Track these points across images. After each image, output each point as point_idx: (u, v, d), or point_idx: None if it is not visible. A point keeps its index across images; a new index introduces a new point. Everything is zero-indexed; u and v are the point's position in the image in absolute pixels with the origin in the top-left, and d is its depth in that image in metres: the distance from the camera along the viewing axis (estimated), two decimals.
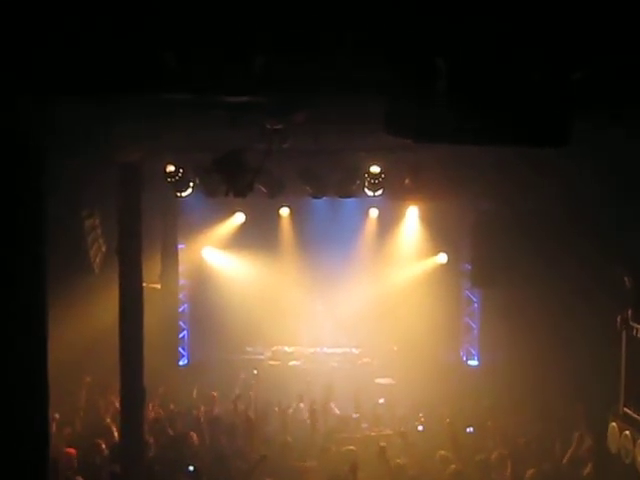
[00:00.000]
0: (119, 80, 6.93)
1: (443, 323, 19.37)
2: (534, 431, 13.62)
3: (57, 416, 12.82)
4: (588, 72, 5.83)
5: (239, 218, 20.37)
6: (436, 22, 5.36)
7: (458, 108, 5.43)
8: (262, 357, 19.95)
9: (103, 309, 14.75)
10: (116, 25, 5.87)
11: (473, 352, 20.58)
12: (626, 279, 12.02)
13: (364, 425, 14.33)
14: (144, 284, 13.64)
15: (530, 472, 11.12)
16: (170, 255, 19.17)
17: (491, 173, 14.30)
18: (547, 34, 5.40)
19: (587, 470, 11.64)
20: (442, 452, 12.07)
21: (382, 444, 11.78)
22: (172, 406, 15.38)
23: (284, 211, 20.49)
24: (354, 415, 14.98)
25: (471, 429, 14.04)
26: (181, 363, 20.48)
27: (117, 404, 13.46)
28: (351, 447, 12.21)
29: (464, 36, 5.24)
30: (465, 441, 13.27)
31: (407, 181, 14.91)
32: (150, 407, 14.12)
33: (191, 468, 11.25)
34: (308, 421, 14.35)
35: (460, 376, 18.84)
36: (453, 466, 11.74)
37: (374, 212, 20.26)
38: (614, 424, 11.80)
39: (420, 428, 14.45)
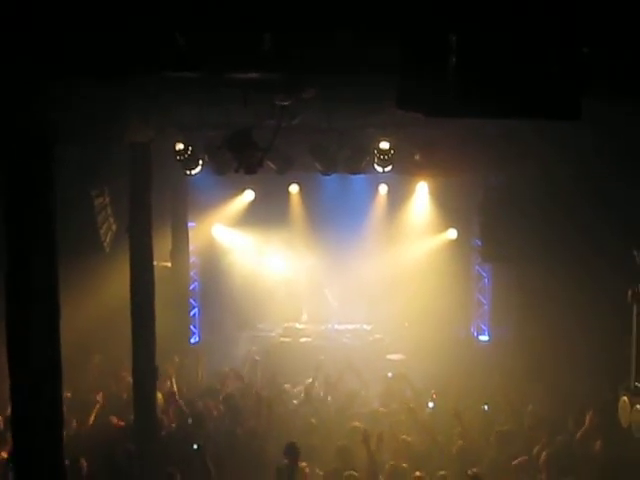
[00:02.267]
0: (129, 60, 6.93)
1: (454, 299, 19.38)
2: (545, 406, 13.60)
3: (68, 395, 12.87)
4: (600, 46, 5.82)
5: (249, 195, 20.37)
6: None
7: (469, 83, 5.42)
8: (273, 334, 20.00)
9: (114, 288, 14.83)
10: (126, 5, 5.86)
11: (484, 327, 20.59)
12: (636, 254, 11.99)
13: (368, 403, 14.25)
14: (155, 262, 13.63)
15: (544, 454, 11.12)
16: (180, 233, 19.19)
17: (501, 148, 14.32)
18: (558, 8, 5.37)
19: (597, 444, 11.65)
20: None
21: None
22: (184, 384, 15.38)
23: (294, 188, 20.48)
24: (362, 392, 14.92)
25: (486, 407, 13.99)
26: (192, 341, 20.50)
27: (130, 380, 13.48)
28: (356, 423, 12.19)
29: (475, 12, 5.22)
30: (476, 418, 13.27)
31: (417, 157, 14.86)
32: (163, 384, 14.12)
33: (195, 446, 11.25)
34: (322, 395, 14.40)
35: (471, 351, 18.93)
36: (460, 442, 11.77)
37: (384, 188, 20.25)
38: (625, 398, 11.77)
39: (430, 405, 14.42)
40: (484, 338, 20.53)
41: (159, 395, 13.51)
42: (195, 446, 11.25)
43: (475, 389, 14.88)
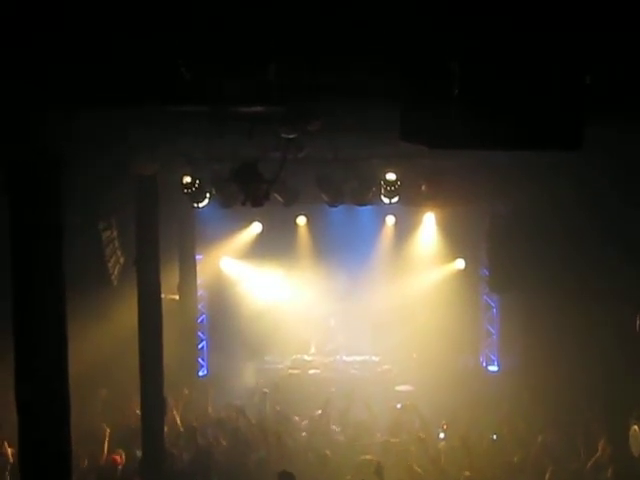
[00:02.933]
0: (135, 93, 7.01)
1: (462, 329, 19.35)
2: (554, 435, 13.57)
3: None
4: (601, 75, 5.86)
5: (256, 228, 20.41)
6: (450, 26, 5.38)
7: (472, 113, 5.45)
8: (281, 366, 19.95)
9: (122, 320, 14.90)
10: (131, 38, 5.94)
11: (492, 357, 20.52)
12: None
13: (378, 434, 14.19)
14: (163, 295, 13.74)
15: (549, 472, 11.10)
16: (188, 266, 19.23)
17: (507, 177, 14.41)
18: (560, 37, 5.42)
19: (608, 474, 11.61)
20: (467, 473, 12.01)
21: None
22: (193, 417, 15.37)
23: (301, 220, 20.49)
24: (371, 423, 14.87)
25: (494, 437, 13.96)
26: (200, 374, 20.47)
27: (138, 413, 13.50)
28: (367, 456, 12.16)
29: (477, 40, 5.26)
30: (487, 448, 13.24)
31: (423, 187, 14.87)
32: (174, 417, 14.13)
33: None
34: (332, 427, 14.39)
35: (480, 382, 18.82)
36: (467, 473, 11.76)
37: (391, 219, 20.25)
38: (636, 427, 11.76)
39: (442, 436, 14.39)
40: (493, 368, 20.45)
41: (166, 428, 13.53)
42: None
43: (484, 419, 14.87)
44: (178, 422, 14.13)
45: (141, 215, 13.16)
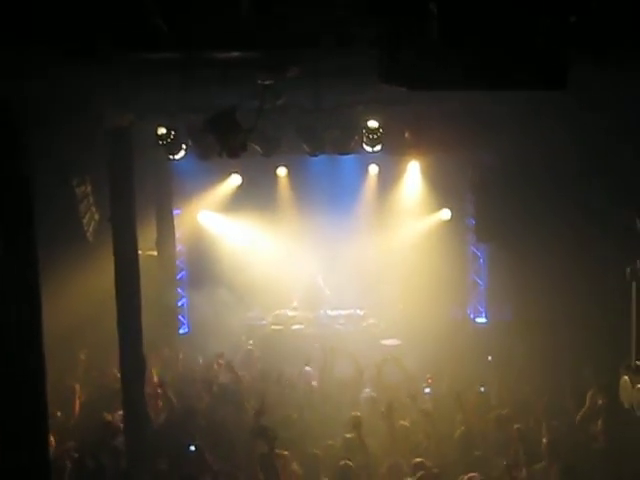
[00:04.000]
0: (106, 40, 6.88)
1: (449, 280, 19.39)
2: (544, 387, 13.65)
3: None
4: (586, 14, 5.80)
5: (235, 180, 20.35)
6: None
7: (452, 53, 5.41)
8: (264, 322, 19.96)
9: (99, 279, 14.76)
10: None
11: (480, 309, 20.66)
12: (638, 223, 11.99)
13: (367, 389, 14.17)
14: (140, 251, 13.63)
15: (544, 440, 11.19)
16: (165, 221, 19.24)
17: (492, 125, 14.29)
18: None
19: (599, 425, 11.70)
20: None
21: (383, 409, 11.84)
22: (173, 375, 15.42)
23: (281, 171, 20.46)
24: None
25: (482, 389, 14.05)
26: (181, 331, 20.55)
27: (117, 374, 13.47)
28: (356, 413, 12.19)
29: None
30: (476, 400, 13.31)
31: (407, 135, 14.89)
32: (152, 376, 14.14)
33: (192, 448, 11.24)
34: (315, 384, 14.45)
35: (468, 334, 18.91)
36: (463, 428, 11.82)
37: (374, 168, 20.22)
38: (626, 378, 11.78)
39: (427, 390, 14.45)
40: (481, 320, 20.57)
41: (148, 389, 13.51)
42: (192, 448, 11.25)
43: (472, 372, 14.92)
44: (155, 381, 14.12)
45: (115, 169, 12.96)
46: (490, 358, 15.37)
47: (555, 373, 14.13)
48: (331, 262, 20.38)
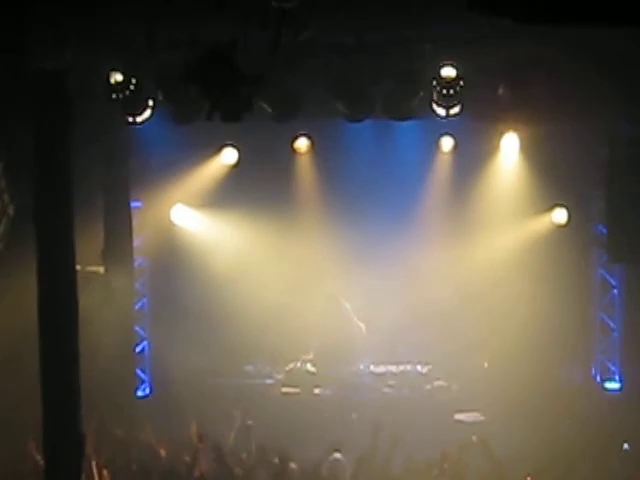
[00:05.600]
0: None
1: (563, 322, 19.31)
2: None
3: None
4: None
5: (230, 157, 20.37)
6: None
7: None
8: (271, 381, 20.01)
9: (14, 307, 14.89)
10: None
11: (612, 368, 20.47)
12: None
13: None
14: (78, 267, 13.70)
15: None
16: (119, 220, 19.26)
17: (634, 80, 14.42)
18: None
19: None
20: None
21: None
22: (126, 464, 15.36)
23: (301, 143, 20.39)
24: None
25: None
26: (140, 393, 20.53)
27: (38, 458, 13.48)
28: None
29: None
30: None
31: (501, 91, 15.16)
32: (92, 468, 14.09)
33: None
34: None
35: (592, 407, 18.70)
36: None
37: (448, 143, 20.12)
38: None
39: None
40: (613, 386, 20.38)
41: None
42: None
43: (596, 469, 14.70)
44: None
45: (42, 139, 13.07)
46: (627, 446, 15.18)
47: None
48: (374, 289, 20.51)
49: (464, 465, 14.58)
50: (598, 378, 20.56)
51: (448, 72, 14.65)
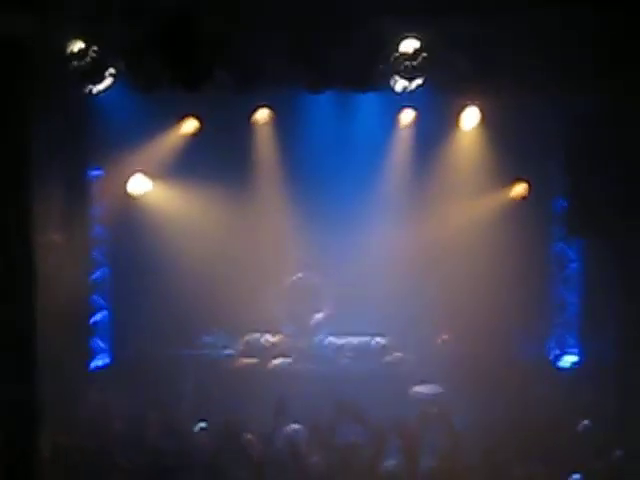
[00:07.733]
0: None
1: (521, 296, 19.35)
2: None
3: None
4: None
5: (190, 127, 20.39)
6: None
7: None
8: (229, 352, 19.99)
9: None
10: None
11: (571, 343, 20.53)
12: None
13: (392, 461, 14.14)
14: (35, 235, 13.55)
15: None
16: (76, 188, 19.22)
17: (598, 52, 14.38)
18: None
19: None
20: None
21: None
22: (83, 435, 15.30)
23: (262, 114, 20.42)
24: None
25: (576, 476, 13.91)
26: (100, 363, 20.45)
27: None
28: None
29: None
30: None
31: (462, 63, 15.06)
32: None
33: None
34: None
35: (548, 383, 18.75)
36: None
37: (409, 115, 20.12)
38: None
39: None
40: (571, 360, 20.45)
41: None
42: None
43: (554, 448, 14.77)
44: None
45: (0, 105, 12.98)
46: (587, 422, 15.17)
47: None
48: (335, 261, 20.47)
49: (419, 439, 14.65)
50: (556, 353, 20.64)
51: (410, 44, 14.71)
